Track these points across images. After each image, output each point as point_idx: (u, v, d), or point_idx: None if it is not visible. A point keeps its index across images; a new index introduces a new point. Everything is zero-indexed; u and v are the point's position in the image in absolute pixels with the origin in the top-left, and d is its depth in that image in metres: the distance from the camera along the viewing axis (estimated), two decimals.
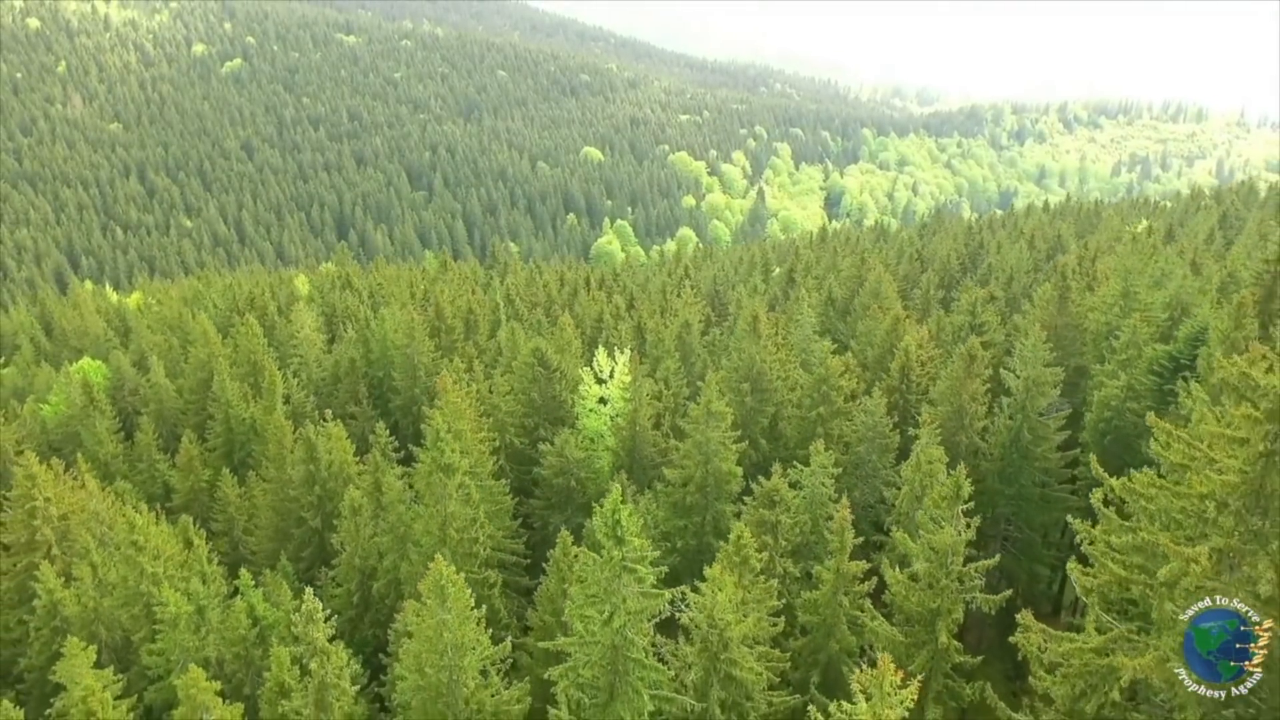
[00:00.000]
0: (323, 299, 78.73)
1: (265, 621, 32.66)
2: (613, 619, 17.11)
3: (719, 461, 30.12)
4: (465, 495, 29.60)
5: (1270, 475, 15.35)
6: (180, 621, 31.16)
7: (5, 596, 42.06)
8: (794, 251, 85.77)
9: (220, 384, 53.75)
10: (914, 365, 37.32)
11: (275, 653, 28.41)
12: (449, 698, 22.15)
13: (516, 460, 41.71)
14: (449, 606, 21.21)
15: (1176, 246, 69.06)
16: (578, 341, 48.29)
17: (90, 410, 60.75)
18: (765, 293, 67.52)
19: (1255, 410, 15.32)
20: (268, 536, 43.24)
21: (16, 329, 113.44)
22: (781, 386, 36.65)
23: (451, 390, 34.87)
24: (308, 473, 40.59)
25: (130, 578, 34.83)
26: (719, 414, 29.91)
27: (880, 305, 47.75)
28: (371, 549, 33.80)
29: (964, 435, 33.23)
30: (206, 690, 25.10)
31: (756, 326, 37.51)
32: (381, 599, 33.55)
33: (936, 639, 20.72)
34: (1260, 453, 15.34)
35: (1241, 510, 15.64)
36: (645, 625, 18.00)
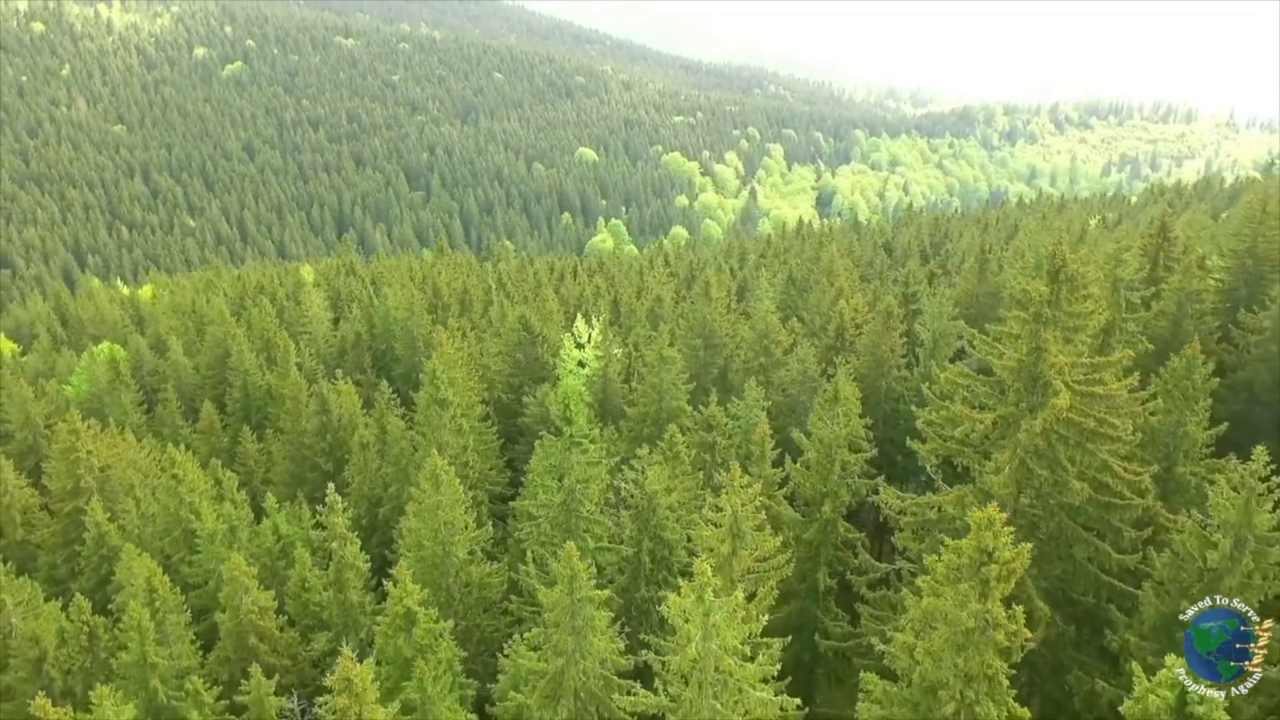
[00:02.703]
0: (328, 284, 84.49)
1: (287, 538, 38.32)
2: (564, 481, 22.78)
3: (670, 400, 35.89)
4: (457, 427, 35.32)
5: (1037, 362, 21.09)
6: (216, 537, 36.83)
7: (52, 539, 47.70)
8: (767, 241, 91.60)
9: (238, 355, 59.46)
10: (848, 326, 43.06)
11: (298, 553, 34.18)
12: (443, 568, 27.88)
13: (504, 413, 47.41)
14: (443, 491, 26.93)
15: (1120, 231, 74.91)
16: (560, 313, 54.03)
17: (116, 384, 66.35)
18: (738, 276, 73.30)
19: (1025, 313, 21.09)
20: (284, 483, 48.87)
21: (34, 319, 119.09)
22: (730, 342, 42.48)
23: (446, 343, 40.61)
24: (320, 423, 46.32)
25: (170, 506, 40.54)
26: (670, 359, 35.69)
27: (830, 281, 53.50)
28: (378, 480, 39.53)
29: (883, 381, 39.02)
30: (247, 574, 30.83)
31: (708, 290, 43.31)
32: (386, 522, 39.23)
33: (824, 516, 26.46)
34: (1030, 346, 21.10)
35: (1018, 388, 21.39)
36: (591, 489, 23.68)
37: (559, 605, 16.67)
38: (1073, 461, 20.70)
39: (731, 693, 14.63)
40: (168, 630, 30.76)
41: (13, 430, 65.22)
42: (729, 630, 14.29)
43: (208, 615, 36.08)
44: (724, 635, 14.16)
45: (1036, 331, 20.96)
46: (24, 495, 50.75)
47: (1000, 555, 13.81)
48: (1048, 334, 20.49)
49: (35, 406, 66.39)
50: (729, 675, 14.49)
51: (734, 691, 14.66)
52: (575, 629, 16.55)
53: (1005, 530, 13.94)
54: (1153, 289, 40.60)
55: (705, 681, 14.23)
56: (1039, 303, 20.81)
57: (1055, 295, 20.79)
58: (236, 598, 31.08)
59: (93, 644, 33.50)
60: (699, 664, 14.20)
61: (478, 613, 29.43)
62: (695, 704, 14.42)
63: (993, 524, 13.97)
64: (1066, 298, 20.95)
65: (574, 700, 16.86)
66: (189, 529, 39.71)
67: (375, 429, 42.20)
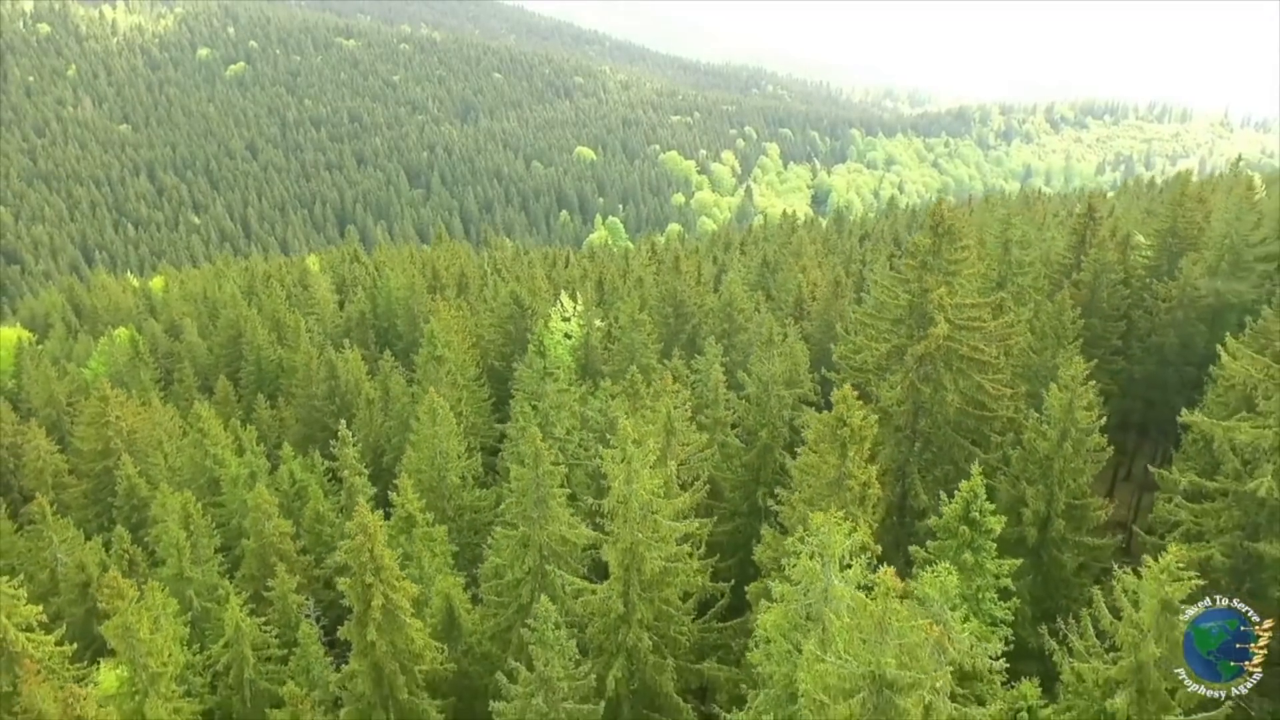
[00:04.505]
0: (333, 271, 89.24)
1: (302, 481, 42.99)
2: (539, 406, 27.41)
3: (641, 357, 40.57)
4: (453, 380, 40.01)
5: (923, 304, 25.75)
6: (240, 480, 41.55)
7: (82, 498, 52.42)
8: (749, 230, 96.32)
9: (251, 332, 64.18)
10: (806, 297, 47.78)
11: (312, 490, 38.89)
12: (439, 490, 32.58)
13: (496, 379, 52.09)
14: (439, 424, 31.63)
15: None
16: (550, 291, 58.73)
17: (136, 362, 71.04)
18: (719, 261, 77.96)
19: (914, 261, 25.78)
20: (297, 443, 53.50)
21: (48, 310, 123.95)
22: (698, 311, 47.15)
23: (444, 311, 45.31)
24: (329, 388, 51.05)
25: (196, 457, 45.28)
26: (640, 321, 40.39)
27: (795, 260, 58.22)
28: (382, 432, 44.23)
29: (832, 344, 43.75)
30: (270, 502, 35.55)
31: (678, 265, 48.05)
32: (389, 469, 43.88)
33: (762, 441, 31.13)
34: (917, 288, 25.78)
35: (910, 323, 26.07)
36: (563, 415, 28.32)
37: (525, 478, 21.27)
38: (952, 382, 25.40)
39: (650, 524, 19.17)
40: (200, 552, 35.47)
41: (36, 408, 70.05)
42: (647, 476, 18.87)
43: (232, 549, 40.78)
44: (643, 479, 18.73)
45: (921, 275, 25.68)
46: (54, 460, 55.56)
47: (853, 422, 18.48)
48: (930, 278, 25.19)
49: (58, 385, 71.28)
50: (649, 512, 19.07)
51: (652, 523, 19.21)
52: (539, 498, 21.12)
53: (856, 402, 18.61)
54: (1079, 260, 45.40)
55: (630, 516, 18.77)
56: (924, 252, 25.54)
57: (937, 246, 25.48)
58: (260, 523, 35.81)
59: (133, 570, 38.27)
60: (624, 502, 18.73)
61: (470, 533, 34.14)
62: (622, 533, 18.97)
63: (847, 399, 18.64)
64: (946, 248, 25.62)
65: (538, 554, 21.43)
66: (214, 477, 44.45)
67: (379, 389, 46.89)
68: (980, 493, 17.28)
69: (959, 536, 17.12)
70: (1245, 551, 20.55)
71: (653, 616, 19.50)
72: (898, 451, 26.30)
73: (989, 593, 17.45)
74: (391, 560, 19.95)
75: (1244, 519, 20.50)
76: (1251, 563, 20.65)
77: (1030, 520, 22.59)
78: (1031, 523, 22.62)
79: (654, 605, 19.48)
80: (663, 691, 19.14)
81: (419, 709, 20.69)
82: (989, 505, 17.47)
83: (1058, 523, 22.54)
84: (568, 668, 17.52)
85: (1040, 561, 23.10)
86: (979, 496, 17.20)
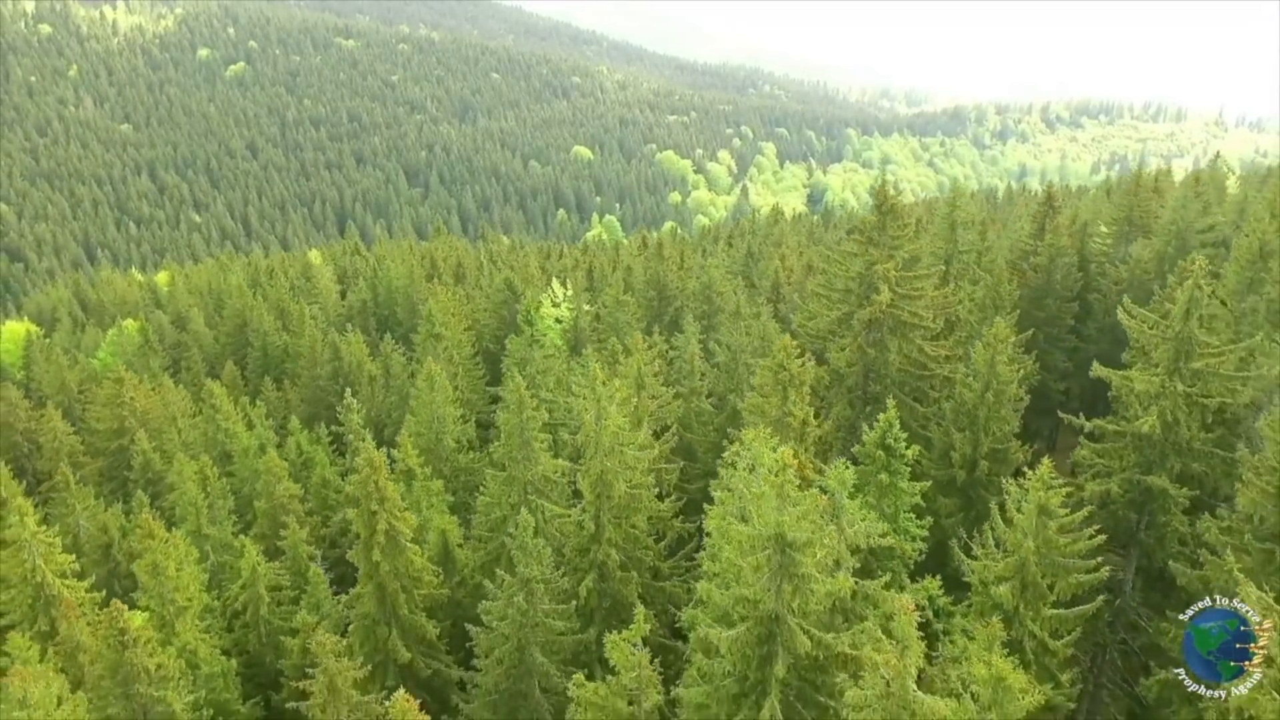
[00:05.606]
0: (335, 264, 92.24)
1: (308, 452, 45.91)
2: (525, 370, 30.35)
3: (625, 335, 43.52)
4: (449, 356, 42.98)
5: (869, 276, 28.73)
6: (250, 451, 44.48)
7: (98, 475, 55.35)
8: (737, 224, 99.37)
9: (257, 319, 67.12)
10: (783, 282, 50.76)
11: (319, 458, 41.83)
12: (436, 453, 35.54)
13: (491, 360, 55.00)
14: (436, 391, 34.59)
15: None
16: (542, 279, 61.71)
17: (145, 350, 73.99)
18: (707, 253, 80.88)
19: (861, 237, 28.78)
20: (302, 421, 56.48)
21: (55, 304, 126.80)
22: (680, 294, 50.15)
23: (441, 293, 48.28)
24: (333, 369, 54.02)
25: (208, 431, 48.22)
26: (625, 302, 43.36)
27: (778, 251, 61.14)
28: (384, 407, 47.19)
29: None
30: (281, 467, 38.48)
31: (661, 251, 51.05)
32: (390, 441, 46.80)
33: (730, 405, 34.12)
34: (864, 261, 28.78)
35: (858, 291, 29.07)
36: (549, 379, 31.26)
37: (510, 423, 24.20)
38: (895, 345, 28.40)
39: (618, 454, 22.11)
40: (215, 512, 38.40)
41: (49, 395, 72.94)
42: (615, 411, 21.81)
43: (244, 514, 43.70)
44: (611, 415, 21.67)
45: (868, 249, 28.70)
46: (69, 441, 58.54)
47: (791, 367, 21.46)
48: (875, 251, 28.21)
49: (70, 374, 74.16)
50: (617, 444, 22.01)
51: (619, 453, 22.14)
52: (524, 440, 24.05)
53: (794, 349, 21.58)
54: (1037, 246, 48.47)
55: (600, 445, 21.71)
56: (870, 229, 28.55)
57: (882, 223, 28.49)
58: (271, 485, 38.74)
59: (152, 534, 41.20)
60: (594, 436, 21.67)
61: (464, 493, 37.08)
62: (592, 463, 21.91)
63: (786, 348, 21.62)
64: (890, 225, 28.61)
65: (521, 490, 24.37)
66: (225, 450, 47.38)
67: (380, 368, 49.86)
68: (895, 423, 20.26)
69: (876, 461, 20.09)
70: (1140, 485, 23.56)
71: (621, 539, 22.44)
72: (849, 409, 29.29)
73: (905, 513, 20.39)
74: (395, 492, 22.88)
75: (1138, 457, 23.51)
76: (1145, 495, 23.66)
77: (958, 463, 25.57)
78: (960, 465, 25.59)
79: (622, 529, 22.42)
80: (628, 602, 22.07)
81: (418, 624, 23.62)
82: (902, 434, 20.45)
83: (983, 464, 25.53)
84: (545, 573, 20.47)
85: (969, 499, 26.11)
86: (894, 426, 20.17)
